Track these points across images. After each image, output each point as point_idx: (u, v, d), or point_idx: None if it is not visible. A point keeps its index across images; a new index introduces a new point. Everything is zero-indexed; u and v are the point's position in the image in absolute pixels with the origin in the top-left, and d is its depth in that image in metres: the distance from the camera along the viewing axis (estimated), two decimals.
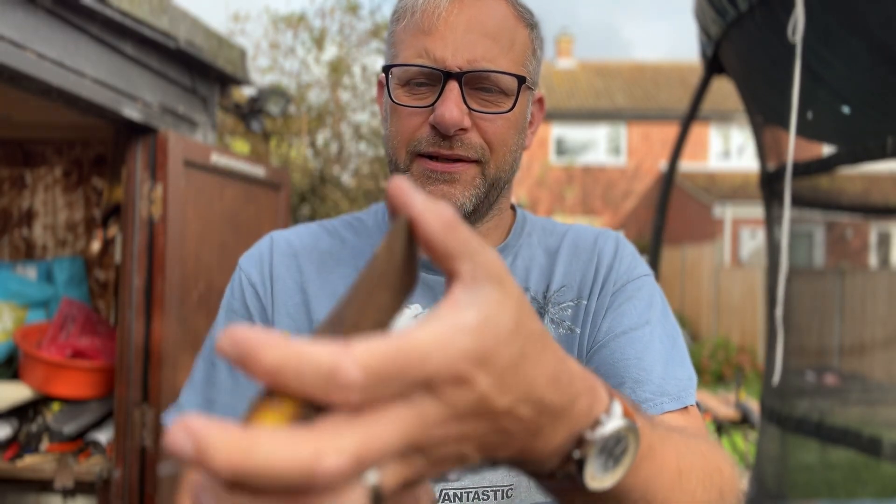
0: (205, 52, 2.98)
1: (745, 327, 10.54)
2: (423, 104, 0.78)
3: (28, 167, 3.47)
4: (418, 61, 0.76)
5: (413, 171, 0.79)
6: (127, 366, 2.64)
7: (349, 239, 0.90)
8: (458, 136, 0.77)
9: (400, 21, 0.81)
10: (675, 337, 0.83)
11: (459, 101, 0.76)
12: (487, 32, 0.76)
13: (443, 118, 0.75)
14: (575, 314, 0.85)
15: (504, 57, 0.77)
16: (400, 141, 0.80)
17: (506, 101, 0.78)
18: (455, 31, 0.76)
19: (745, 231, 13.72)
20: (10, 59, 2.03)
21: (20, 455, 2.60)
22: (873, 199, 4.78)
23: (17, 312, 3.00)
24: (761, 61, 2.71)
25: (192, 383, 0.86)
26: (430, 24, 0.76)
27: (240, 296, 0.87)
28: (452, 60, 0.75)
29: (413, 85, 0.78)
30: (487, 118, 0.78)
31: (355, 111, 6.87)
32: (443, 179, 0.78)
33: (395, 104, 0.79)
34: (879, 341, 5.83)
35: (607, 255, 0.88)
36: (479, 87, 0.77)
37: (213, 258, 2.96)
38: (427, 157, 0.78)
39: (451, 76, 0.75)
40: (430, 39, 0.76)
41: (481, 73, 0.76)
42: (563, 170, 16.21)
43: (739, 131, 15.89)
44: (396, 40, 0.81)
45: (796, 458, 3.10)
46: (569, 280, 0.87)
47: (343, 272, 0.87)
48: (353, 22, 6.98)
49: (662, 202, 3.71)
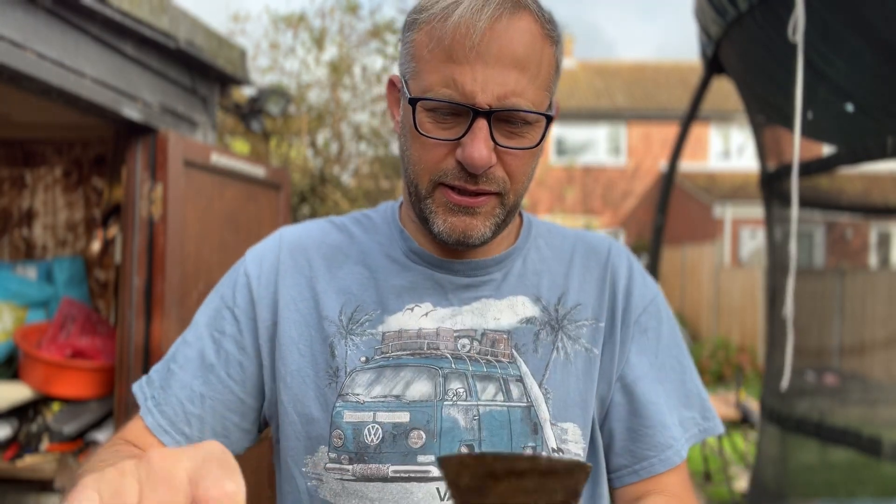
0: (205, 52, 2.98)
1: (745, 327, 10.54)
2: (449, 136, 0.75)
3: (28, 167, 3.47)
4: (445, 92, 0.73)
5: (435, 198, 0.79)
6: (127, 366, 2.64)
7: (357, 235, 0.91)
8: (483, 173, 0.76)
9: (422, 33, 0.76)
10: (684, 367, 0.90)
11: (489, 139, 0.74)
12: (517, 62, 0.73)
13: (472, 159, 0.73)
14: (592, 335, 0.86)
15: (532, 86, 0.75)
16: (423, 169, 0.78)
17: (531, 133, 0.77)
18: (486, 62, 0.72)
19: (745, 231, 13.72)
20: (10, 59, 2.02)
21: (20, 455, 2.60)
22: (873, 199, 4.78)
23: (17, 312, 3.00)
24: (762, 61, 2.71)
25: (164, 357, 0.89)
26: (460, 54, 0.73)
27: (231, 285, 0.88)
28: (482, 97, 0.73)
29: (438, 114, 0.76)
30: (512, 153, 0.77)
31: (355, 111, 6.87)
32: (465, 212, 0.78)
33: (419, 133, 0.77)
34: (879, 341, 5.83)
35: (622, 278, 0.90)
36: (506, 121, 0.76)
37: (213, 258, 2.96)
38: (451, 188, 0.78)
39: (480, 114, 0.73)
40: (459, 70, 0.73)
41: (510, 112, 0.74)
42: (563, 170, 16.21)
43: (739, 131, 15.88)
44: (418, 55, 0.77)
45: (796, 458, 3.10)
46: (584, 297, 0.88)
47: (351, 268, 0.88)
48: (353, 22, 6.98)
49: (662, 202, 3.71)
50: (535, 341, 0.84)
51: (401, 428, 0.79)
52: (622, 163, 16.60)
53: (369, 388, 0.81)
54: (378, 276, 0.86)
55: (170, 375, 0.85)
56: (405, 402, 0.80)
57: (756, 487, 3.32)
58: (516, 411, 0.81)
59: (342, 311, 0.85)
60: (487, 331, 0.84)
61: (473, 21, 0.72)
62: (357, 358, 0.82)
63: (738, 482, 4.67)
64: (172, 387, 0.84)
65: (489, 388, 0.82)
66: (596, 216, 16.15)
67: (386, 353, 0.82)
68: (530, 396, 0.82)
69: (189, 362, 0.85)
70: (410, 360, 0.82)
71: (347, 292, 0.86)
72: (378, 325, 0.84)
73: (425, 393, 0.80)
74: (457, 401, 0.80)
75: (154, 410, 0.84)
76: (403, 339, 0.83)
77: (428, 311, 0.84)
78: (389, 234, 0.90)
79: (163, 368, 0.87)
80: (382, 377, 0.81)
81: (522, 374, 0.83)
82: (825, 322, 4.92)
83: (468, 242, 0.79)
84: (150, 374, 0.88)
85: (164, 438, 0.82)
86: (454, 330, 0.84)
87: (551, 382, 0.83)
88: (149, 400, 0.85)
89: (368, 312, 0.84)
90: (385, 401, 0.80)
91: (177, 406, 0.83)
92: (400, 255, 0.87)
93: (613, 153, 16.76)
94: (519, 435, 0.81)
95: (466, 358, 0.83)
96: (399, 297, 0.85)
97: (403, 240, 0.88)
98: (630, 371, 0.86)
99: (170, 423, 0.83)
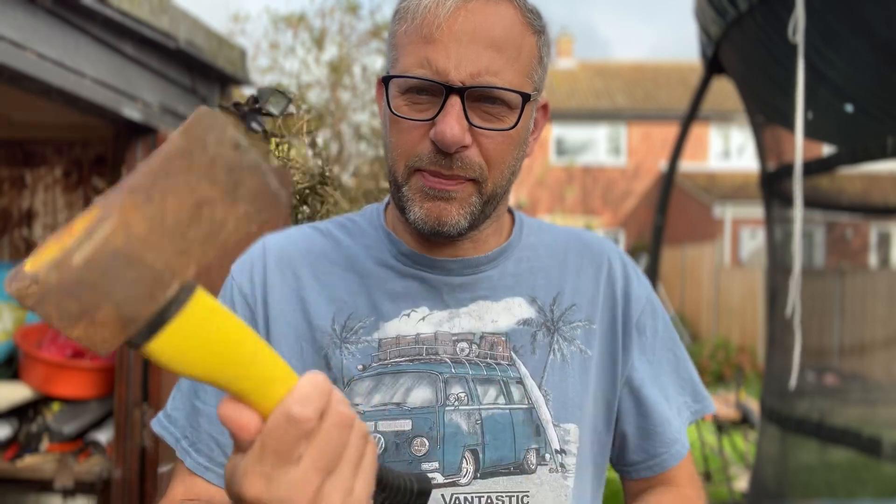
0: (205, 52, 2.98)
1: (745, 327, 10.54)
2: (423, 117, 0.75)
3: (28, 167, 3.47)
4: (419, 72, 0.73)
5: (411, 185, 0.77)
6: (127, 366, 2.64)
7: (343, 240, 0.88)
8: (458, 154, 0.74)
9: (402, 23, 0.77)
10: (678, 357, 0.93)
11: (461, 117, 0.73)
12: (493, 42, 0.73)
13: (444, 136, 0.72)
14: (586, 336, 0.86)
15: (509, 68, 0.74)
16: (399, 154, 0.77)
17: (509, 115, 0.75)
18: (459, 41, 0.72)
19: (745, 231, 13.72)
20: (10, 59, 2.03)
21: (20, 455, 2.60)
22: (873, 199, 4.78)
23: (17, 312, 3.00)
24: (762, 61, 2.71)
25: (179, 390, 0.85)
26: (432, 32, 0.72)
27: (229, 304, 0.85)
28: (455, 74, 0.72)
29: (413, 94, 0.75)
30: (488, 134, 0.75)
31: (355, 111, 6.87)
32: (440, 197, 0.76)
33: (394, 115, 0.76)
34: (879, 341, 5.83)
35: (619, 279, 0.90)
36: (481, 100, 0.74)
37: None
38: (427, 172, 0.76)
39: (453, 91, 0.72)
40: (433, 49, 0.72)
41: (485, 90, 0.73)
42: (563, 170, 16.21)
43: (739, 131, 15.88)
44: (398, 43, 0.77)
45: (796, 458, 3.09)
46: (578, 298, 0.88)
47: (339, 274, 0.85)
48: (353, 22, 6.98)
49: (662, 202, 3.71)
50: (533, 343, 0.84)
51: (403, 436, 0.78)
52: (622, 163, 16.60)
53: (369, 396, 0.80)
54: (369, 281, 0.84)
55: (196, 413, 0.82)
56: (406, 409, 0.79)
57: (756, 487, 3.32)
58: (518, 413, 0.81)
59: (335, 319, 0.82)
60: (486, 333, 0.83)
61: (443, 1, 0.72)
62: (354, 366, 0.80)
63: (738, 482, 4.67)
64: (201, 424, 0.82)
65: (490, 392, 0.81)
66: (596, 216, 16.15)
67: (384, 360, 0.81)
68: (531, 398, 0.82)
69: (208, 395, 0.82)
70: (409, 367, 0.80)
71: (338, 300, 0.83)
72: (373, 331, 0.82)
73: (426, 399, 0.79)
74: (458, 405, 0.80)
75: (190, 450, 0.81)
76: (401, 346, 0.81)
77: (424, 316, 0.82)
78: (377, 238, 0.87)
79: (185, 406, 0.84)
80: (381, 385, 0.80)
81: (522, 376, 0.82)
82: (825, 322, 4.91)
83: (442, 231, 0.77)
84: (170, 412, 0.85)
85: (207, 476, 0.81)
86: (452, 334, 0.82)
87: (550, 384, 0.83)
88: (182, 441, 0.82)
89: (362, 319, 0.82)
90: (386, 409, 0.79)
91: (210, 441, 0.81)
92: (389, 259, 0.85)
93: (613, 153, 16.76)
94: (522, 437, 0.80)
95: (466, 362, 0.82)
96: (394, 302, 0.83)
97: (391, 243, 0.86)
98: (635, 374, 0.88)
99: (208, 459, 0.81)
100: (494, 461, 0.79)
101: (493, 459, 0.79)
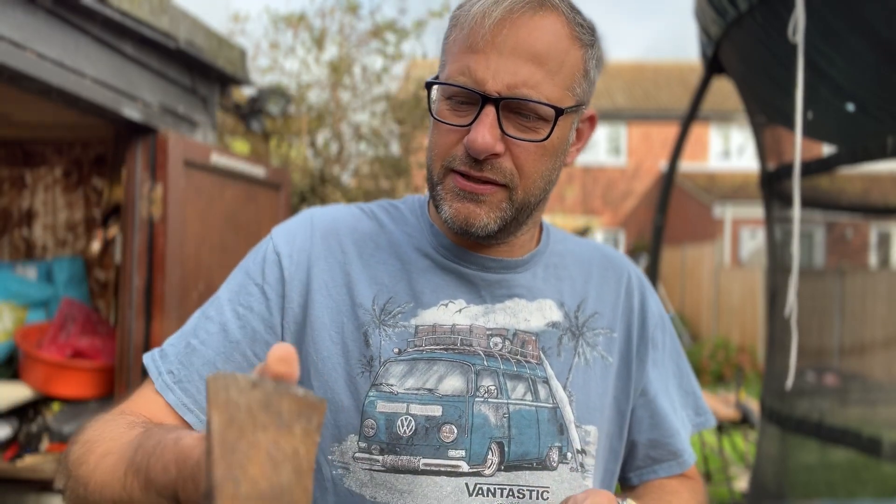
0: (205, 52, 2.98)
1: (745, 327, 10.54)
2: (461, 122, 0.78)
3: (28, 167, 3.47)
4: (460, 80, 0.76)
5: (445, 185, 0.81)
6: (127, 366, 2.64)
7: (387, 224, 0.91)
8: (489, 161, 0.77)
9: (453, 30, 0.80)
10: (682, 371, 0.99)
11: (494, 126, 0.75)
12: (534, 55, 0.75)
13: (474, 143, 0.75)
14: (607, 344, 0.90)
15: (548, 82, 0.76)
16: (437, 154, 0.81)
17: (543, 127, 0.77)
18: (500, 52, 0.74)
19: (745, 231, 13.72)
20: (10, 59, 2.03)
21: (20, 455, 2.60)
22: (873, 199, 4.78)
23: (17, 312, 3.00)
24: (762, 61, 2.71)
25: (181, 332, 0.86)
26: (476, 42, 0.75)
27: (260, 262, 0.86)
28: (492, 84, 0.75)
29: (455, 101, 0.78)
30: (521, 145, 0.78)
31: (355, 111, 6.86)
32: (470, 198, 0.79)
33: (435, 119, 0.80)
34: (879, 341, 5.83)
35: (637, 295, 0.95)
36: (516, 111, 0.76)
37: (213, 258, 2.96)
38: (459, 173, 0.79)
39: (489, 100, 0.75)
40: (475, 58, 0.75)
41: (519, 101, 0.75)
42: (564, 170, 16.20)
43: (739, 131, 15.88)
44: (447, 49, 0.81)
45: (796, 458, 3.09)
46: (601, 307, 0.92)
47: (381, 257, 0.87)
48: (353, 22, 6.97)
49: (662, 202, 3.71)
50: (559, 345, 0.87)
51: (433, 421, 0.80)
52: (622, 163, 16.60)
53: (402, 379, 0.81)
54: (410, 268, 0.86)
55: (191, 351, 0.82)
56: (438, 395, 0.81)
57: (756, 487, 3.31)
58: (543, 411, 0.84)
59: (375, 300, 0.84)
60: (518, 331, 0.86)
61: (490, 11, 0.75)
62: (391, 349, 0.82)
63: (738, 482, 4.67)
64: (194, 363, 0.81)
65: (519, 388, 0.84)
66: (596, 216, 16.15)
67: (419, 346, 0.83)
68: (556, 398, 0.85)
69: (211, 337, 0.82)
70: (444, 355, 0.83)
71: (379, 283, 0.85)
72: (411, 318, 0.84)
73: (457, 388, 0.81)
74: (488, 398, 0.82)
75: (175, 388, 0.80)
76: (437, 334, 0.84)
77: (461, 308, 0.85)
78: (419, 228, 0.90)
79: (180, 343, 0.84)
80: (415, 370, 0.82)
81: (548, 376, 0.85)
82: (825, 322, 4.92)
83: (471, 231, 0.80)
84: (164, 347, 0.85)
85: (188, 417, 0.79)
86: (487, 328, 0.85)
87: (574, 385, 0.86)
88: (165, 375, 0.81)
89: (401, 305, 0.84)
90: (418, 393, 0.81)
91: (199, 383, 0.80)
92: (430, 250, 0.88)
93: (613, 153, 16.76)
94: (546, 435, 0.83)
95: (498, 356, 0.84)
96: (433, 291, 0.85)
97: (433, 235, 0.88)
98: (650, 386, 0.93)
99: (193, 401, 0.80)
100: (519, 455, 0.82)
101: (517, 454, 0.82)
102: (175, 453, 0.55)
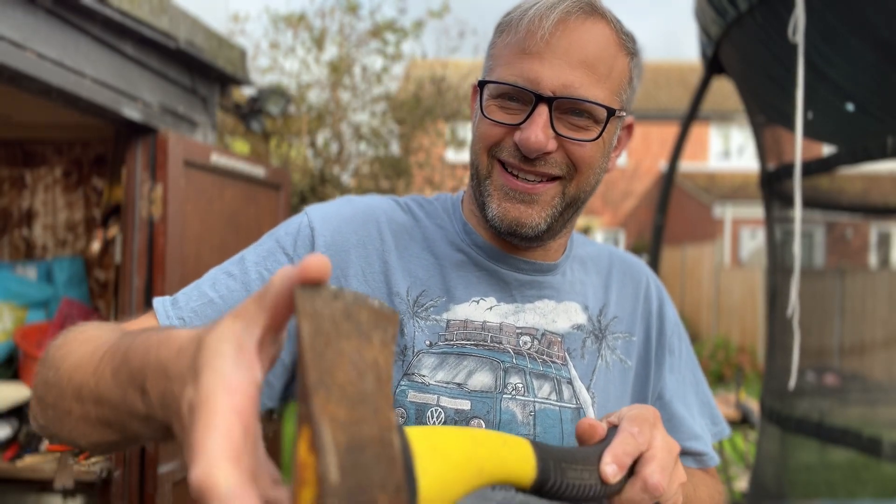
0: (205, 52, 2.98)
1: (745, 327, 10.54)
2: (511, 121, 0.78)
3: (28, 167, 3.47)
4: (513, 79, 0.77)
5: (493, 179, 0.81)
6: None
7: (422, 218, 0.91)
8: (541, 158, 0.78)
9: (505, 34, 0.81)
10: (698, 379, 1.00)
11: (547, 125, 0.76)
12: (587, 59, 0.76)
13: (528, 141, 0.76)
14: (626, 347, 0.92)
15: (599, 84, 0.77)
16: (483, 146, 0.81)
17: (594, 128, 0.78)
18: (555, 53, 0.76)
19: (745, 231, 13.72)
20: (10, 59, 2.03)
21: (20, 455, 2.60)
22: (873, 199, 4.78)
23: (17, 312, 3.00)
24: (762, 61, 2.71)
25: (195, 284, 0.83)
26: (531, 45, 0.76)
27: (293, 234, 0.85)
28: (547, 84, 0.76)
29: (505, 99, 0.79)
30: (573, 143, 0.79)
31: (355, 111, 6.87)
32: (520, 199, 0.79)
33: (483, 116, 0.80)
34: (879, 341, 5.83)
35: (655, 301, 0.96)
36: (568, 112, 0.77)
37: (213, 258, 2.96)
38: (508, 167, 0.79)
39: (542, 99, 0.76)
40: (529, 58, 0.76)
41: (573, 100, 0.76)
42: None
43: (739, 131, 15.89)
44: (496, 53, 0.82)
45: (796, 458, 3.09)
46: (620, 311, 0.93)
47: (416, 251, 0.88)
48: (353, 22, 6.98)
49: (662, 202, 3.71)
50: (583, 348, 0.88)
51: (462, 415, 0.80)
52: (622, 163, 16.60)
53: (433, 371, 0.82)
54: (443, 263, 0.87)
55: (207, 303, 0.78)
56: (467, 390, 0.81)
57: (756, 487, 3.31)
58: (567, 412, 0.84)
59: (408, 292, 0.85)
60: (546, 332, 0.87)
61: (546, 15, 0.76)
62: (423, 341, 0.83)
63: (738, 482, 4.67)
64: (209, 316, 0.77)
65: (545, 387, 0.85)
66: (596, 216, 16.15)
67: (450, 340, 0.83)
68: (579, 399, 0.86)
69: (232, 294, 0.79)
70: (474, 351, 0.83)
71: (413, 275, 0.86)
72: (443, 312, 0.84)
73: (486, 384, 0.82)
74: (515, 395, 0.83)
75: None
76: (468, 330, 0.84)
77: (492, 306, 0.86)
78: (452, 225, 0.90)
79: (194, 293, 0.80)
80: (446, 363, 0.82)
81: (572, 378, 0.86)
82: (825, 322, 4.92)
83: (520, 232, 0.80)
84: (177, 296, 0.80)
85: None
86: (517, 327, 0.86)
87: (597, 388, 0.87)
88: (175, 321, 0.77)
89: (434, 298, 0.85)
90: (448, 387, 0.81)
91: None
92: (465, 247, 0.88)
93: None
94: (569, 435, 0.84)
95: (526, 355, 0.85)
96: (465, 288, 0.86)
97: (467, 233, 0.89)
98: (666, 390, 0.94)
99: None
100: None
101: None
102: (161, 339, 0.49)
